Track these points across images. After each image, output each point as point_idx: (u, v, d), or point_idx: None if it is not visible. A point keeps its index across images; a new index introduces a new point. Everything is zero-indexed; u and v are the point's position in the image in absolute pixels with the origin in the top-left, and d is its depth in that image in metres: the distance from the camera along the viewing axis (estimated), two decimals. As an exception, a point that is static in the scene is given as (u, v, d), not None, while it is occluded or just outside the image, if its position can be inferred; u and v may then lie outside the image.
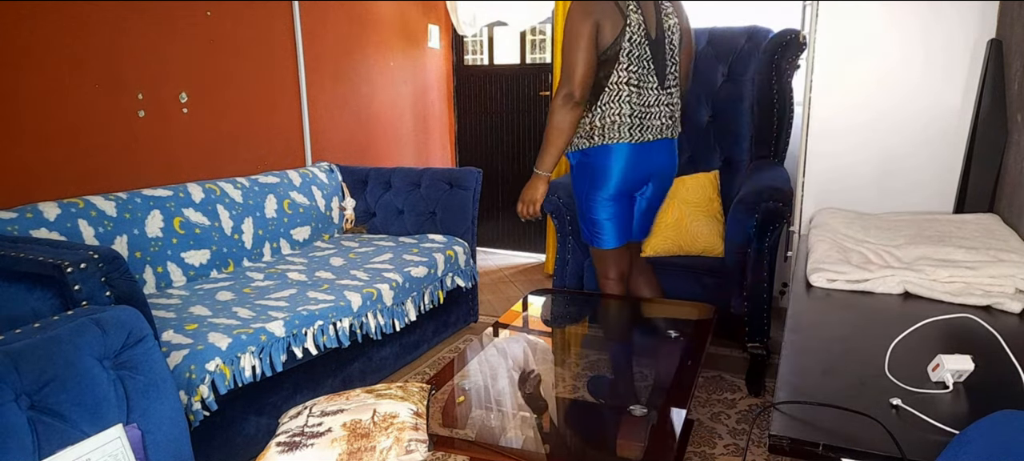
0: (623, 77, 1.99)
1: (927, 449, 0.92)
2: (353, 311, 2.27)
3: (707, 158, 3.05)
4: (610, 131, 2.03)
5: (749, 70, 2.97)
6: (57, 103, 2.20)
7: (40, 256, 1.50)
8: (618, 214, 2.16)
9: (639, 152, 2.07)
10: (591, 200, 2.14)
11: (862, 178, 2.44)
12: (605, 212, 2.14)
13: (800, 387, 1.12)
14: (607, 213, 2.15)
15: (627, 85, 2.00)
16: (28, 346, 1.11)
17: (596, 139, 2.05)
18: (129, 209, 2.26)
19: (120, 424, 1.12)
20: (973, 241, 1.77)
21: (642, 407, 1.55)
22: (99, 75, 2.32)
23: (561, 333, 2.28)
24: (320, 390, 2.24)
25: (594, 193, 2.12)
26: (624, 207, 2.17)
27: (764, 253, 2.39)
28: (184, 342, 1.81)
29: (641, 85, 2.02)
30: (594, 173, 2.10)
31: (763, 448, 2.05)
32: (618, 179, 2.09)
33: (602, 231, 2.17)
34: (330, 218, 3.15)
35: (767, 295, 2.42)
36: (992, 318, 1.38)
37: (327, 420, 1.29)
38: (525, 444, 1.49)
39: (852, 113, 2.42)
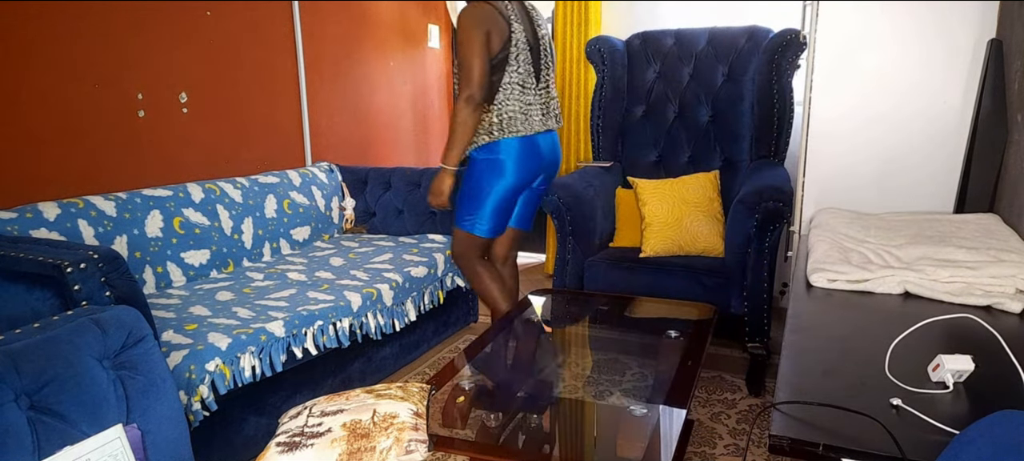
0: (513, 78, 2.25)
1: (927, 449, 0.92)
2: (353, 311, 2.27)
3: (707, 158, 3.05)
4: (507, 126, 2.26)
5: (749, 70, 2.97)
6: (57, 103, 2.20)
7: (40, 256, 1.50)
8: (506, 208, 2.39)
9: (529, 144, 2.31)
10: (490, 190, 2.32)
11: (862, 178, 2.44)
12: (497, 203, 2.34)
13: (800, 387, 1.12)
14: (498, 204, 2.34)
15: (516, 85, 2.26)
16: (28, 346, 1.11)
17: (495, 134, 2.26)
18: (129, 209, 2.26)
19: (120, 424, 1.12)
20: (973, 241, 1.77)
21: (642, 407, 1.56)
22: (99, 75, 2.32)
23: (561, 333, 2.28)
24: (320, 390, 2.24)
25: (496, 183, 2.31)
26: (511, 202, 2.39)
27: (764, 253, 2.39)
28: (184, 342, 1.81)
29: (525, 85, 2.28)
30: (496, 166, 2.30)
31: (763, 448, 2.06)
32: (516, 168, 2.31)
33: (485, 221, 2.35)
34: (330, 218, 3.15)
35: (767, 295, 2.42)
36: (992, 318, 1.38)
37: (327, 420, 1.29)
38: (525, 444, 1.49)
39: (852, 113, 2.42)
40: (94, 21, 2.28)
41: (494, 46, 2.20)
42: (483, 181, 2.32)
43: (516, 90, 2.25)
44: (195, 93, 2.67)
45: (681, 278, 2.54)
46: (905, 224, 2.05)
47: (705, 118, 3.07)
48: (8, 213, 1.95)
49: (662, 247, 2.68)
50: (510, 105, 2.25)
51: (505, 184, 2.31)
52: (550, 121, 2.39)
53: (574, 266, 2.77)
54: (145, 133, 2.50)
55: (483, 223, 2.36)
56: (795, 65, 2.84)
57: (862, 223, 2.09)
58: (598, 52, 3.20)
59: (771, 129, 2.88)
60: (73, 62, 2.24)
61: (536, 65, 2.32)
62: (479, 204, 2.33)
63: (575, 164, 3.71)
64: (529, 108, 2.30)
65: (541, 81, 2.36)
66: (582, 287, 2.74)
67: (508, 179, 2.31)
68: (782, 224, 2.38)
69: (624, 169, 3.17)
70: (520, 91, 2.27)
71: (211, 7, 2.70)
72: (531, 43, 2.30)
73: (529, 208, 2.51)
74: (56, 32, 2.18)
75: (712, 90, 3.05)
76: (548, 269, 3.96)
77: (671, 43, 3.17)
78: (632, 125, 3.21)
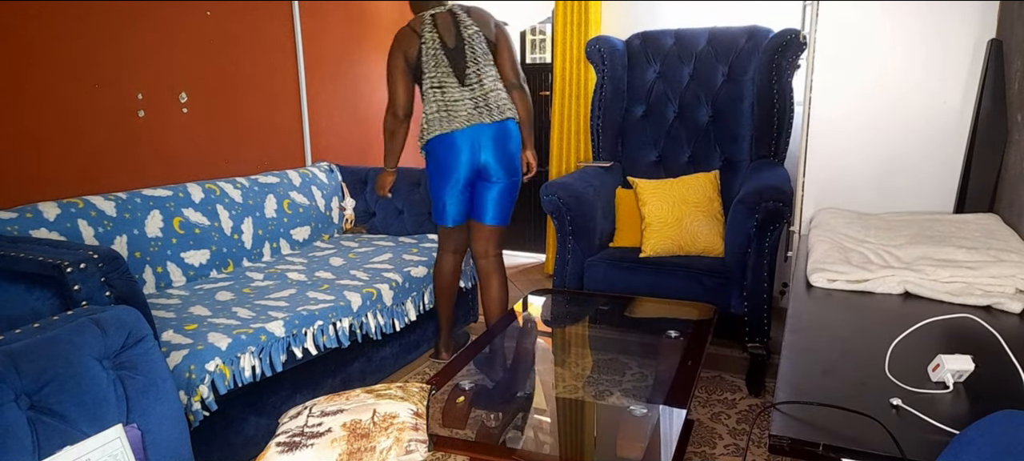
0: (431, 83, 2.44)
1: (927, 449, 0.92)
2: (353, 311, 2.27)
3: (707, 158, 3.05)
4: (431, 125, 2.45)
5: (749, 70, 2.97)
6: (57, 103, 2.20)
7: (40, 256, 1.50)
8: (457, 197, 2.53)
9: (446, 142, 2.45)
10: (436, 183, 2.53)
11: (862, 178, 2.44)
12: (446, 194, 2.52)
13: (800, 387, 1.12)
14: (447, 195, 2.52)
15: (434, 89, 2.44)
16: (28, 346, 1.11)
17: (424, 136, 2.49)
18: (129, 209, 2.26)
19: (120, 424, 1.12)
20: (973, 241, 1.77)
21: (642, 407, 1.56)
22: (99, 75, 2.32)
23: (561, 333, 2.28)
24: (320, 390, 2.24)
25: (438, 178, 2.52)
26: (463, 191, 2.53)
27: (764, 253, 2.39)
28: (184, 342, 1.81)
29: (443, 86, 2.44)
30: (431, 162, 2.53)
31: (763, 448, 2.05)
32: (448, 161, 2.47)
33: (443, 210, 2.56)
34: (330, 218, 3.15)
35: (767, 295, 2.42)
36: (992, 318, 1.38)
37: (327, 420, 1.29)
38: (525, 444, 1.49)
39: (852, 113, 2.42)
40: (94, 21, 2.28)
41: (411, 61, 2.45)
42: (430, 177, 2.56)
43: (435, 93, 2.43)
44: (195, 93, 2.67)
45: (681, 278, 2.54)
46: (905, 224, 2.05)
47: (705, 118, 3.07)
48: (8, 213, 1.95)
49: (662, 247, 2.68)
50: (430, 107, 2.44)
51: (441, 178, 2.50)
52: (484, 115, 2.44)
53: (574, 266, 2.77)
54: (145, 133, 2.50)
55: (439, 213, 2.57)
56: (795, 65, 2.84)
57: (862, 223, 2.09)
58: (598, 52, 3.20)
59: (771, 129, 2.88)
60: (73, 62, 2.24)
61: (457, 66, 2.45)
62: (434, 197, 2.58)
63: (575, 164, 3.71)
64: (454, 105, 2.43)
65: (468, 79, 2.45)
66: (582, 287, 2.73)
67: (444, 172, 2.48)
68: (782, 224, 2.38)
69: (624, 169, 3.17)
70: (439, 93, 2.43)
71: (211, 7, 2.70)
72: (451, 46, 2.45)
73: (485, 200, 2.56)
74: (56, 32, 2.18)
75: (712, 90, 3.05)
76: (548, 269, 3.96)
77: (671, 43, 3.17)
78: (632, 125, 3.21)
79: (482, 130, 2.46)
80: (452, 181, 2.49)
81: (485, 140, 2.46)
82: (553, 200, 2.71)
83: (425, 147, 2.52)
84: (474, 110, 2.45)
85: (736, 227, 2.42)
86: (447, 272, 2.66)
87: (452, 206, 2.55)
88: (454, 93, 2.45)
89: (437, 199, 2.56)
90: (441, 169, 2.49)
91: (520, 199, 4.37)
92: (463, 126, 2.43)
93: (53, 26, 2.17)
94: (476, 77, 2.47)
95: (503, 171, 2.51)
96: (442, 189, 2.52)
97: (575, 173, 2.98)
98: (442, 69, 2.44)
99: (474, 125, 2.44)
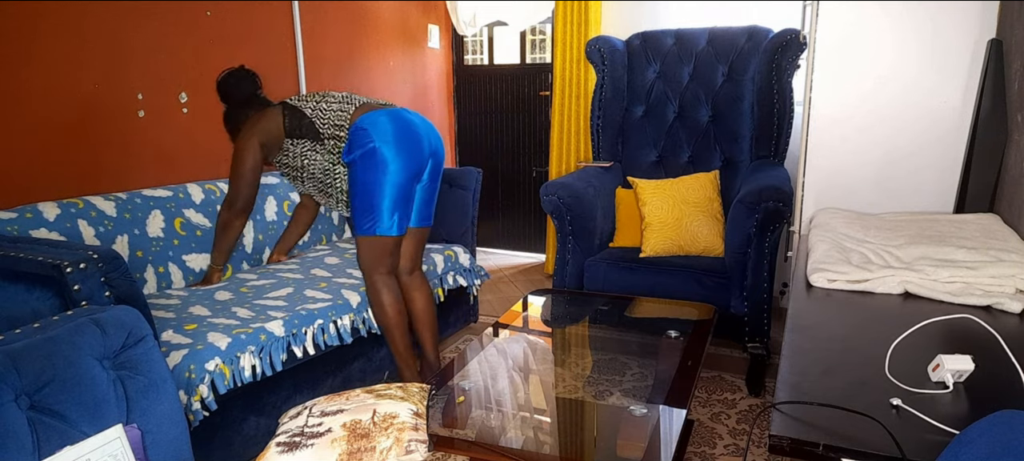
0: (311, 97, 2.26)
1: (927, 449, 0.92)
2: (353, 308, 2.27)
3: (707, 158, 3.05)
4: (347, 113, 2.18)
5: (749, 70, 2.97)
6: (57, 103, 2.20)
7: (40, 256, 1.50)
8: (411, 193, 2.20)
9: (404, 118, 2.19)
10: (378, 178, 2.09)
11: (862, 178, 2.44)
12: (398, 191, 2.13)
13: (800, 387, 1.12)
14: (398, 192, 2.13)
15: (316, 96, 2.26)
16: (28, 346, 1.11)
17: (344, 126, 2.17)
18: (129, 209, 2.26)
19: (120, 424, 1.12)
20: (973, 241, 1.77)
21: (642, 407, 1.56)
22: (99, 75, 2.32)
23: (561, 333, 2.28)
24: (320, 390, 2.24)
25: (382, 171, 2.10)
26: (415, 187, 2.23)
27: (764, 253, 2.39)
28: (184, 342, 1.81)
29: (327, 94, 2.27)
30: (376, 151, 2.08)
31: (763, 448, 2.05)
32: (404, 144, 2.12)
33: (388, 214, 2.13)
34: (330, 220, 3.14)
35: (767, 295, 2.42)
36: (992, 318, 1.38)
37: (327, 420, 1.29)
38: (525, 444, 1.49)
39: (852, 113, 2.42)
40: (94, 21, 2.28)
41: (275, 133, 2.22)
42: (366, 172, 2.10)
43: (324, 96, 2.24)
44: (195, 93, 2.67)
45: (681, 278, 2.54)
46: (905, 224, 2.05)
47: (705, 118, 3.07)
48: (8, 213, 1.95)
49: (662, 247, 2.68)
50: (330, 104, 2.21)
51: (391, 170, 2.10)
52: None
53: (574, 266, 2.77)
54: (145, 133, 2.50)
55: (378, 219, 2.13)
56: (795, 65, 2.84)
57: (862, 223, 2.09)
58: (598, 52, 3.20)
59: (771, 129, 2.88)
60: (73, 62, 2.24)
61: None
62: (372, 200, 2.11)
63: (575, 164, 3.71)
64: (347, 96, 2.24)
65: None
66: (582, 287, 2.73)
67: (393, 163, 2.09)
68: (782, 224, 2.38)
69: (624, 169, 3.17)
70: (332, 94, 2.24)
71: (211, 7, 2.70)
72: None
73: (423, 197, 2.32)
74: (56, 32, 2.17)
75: (712, 90, 3.05)
76: (548, 269, 3.96)
77: (671, 43, 3.17)
78: (632, 125, 3.21)
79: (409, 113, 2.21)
80: (409, 173, 2.14)
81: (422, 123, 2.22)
82: (553, 200, 2.71)
83: (355, 131, 2.10)
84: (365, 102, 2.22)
85: (736, 227, 2.42)
86: (397, 299, 2.23)
87: (402, 203, 2.15)
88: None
89: (378, 199, 2.10)
90: (390, 158, 2.08)
91: (520, 199, 4.42)
92: (393, 106, 2.19)
93: (53, 26, 2.17)
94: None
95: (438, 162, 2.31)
96: (394, 185, 2.10)
97: (575, 173, 2.98)
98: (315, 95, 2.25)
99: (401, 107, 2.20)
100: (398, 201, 2.13)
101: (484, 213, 4.37)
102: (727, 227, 2.50)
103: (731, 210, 2.48)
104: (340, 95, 2.24)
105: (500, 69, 4.31)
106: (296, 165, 2.27)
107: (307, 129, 2.19)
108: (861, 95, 2.40)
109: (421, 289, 2.40)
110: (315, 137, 2.19)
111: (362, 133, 2.09)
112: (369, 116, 2.12)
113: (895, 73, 2.34)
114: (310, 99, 2.24)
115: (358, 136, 2.10)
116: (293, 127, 2.21)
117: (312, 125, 2.18)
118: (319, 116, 2.19)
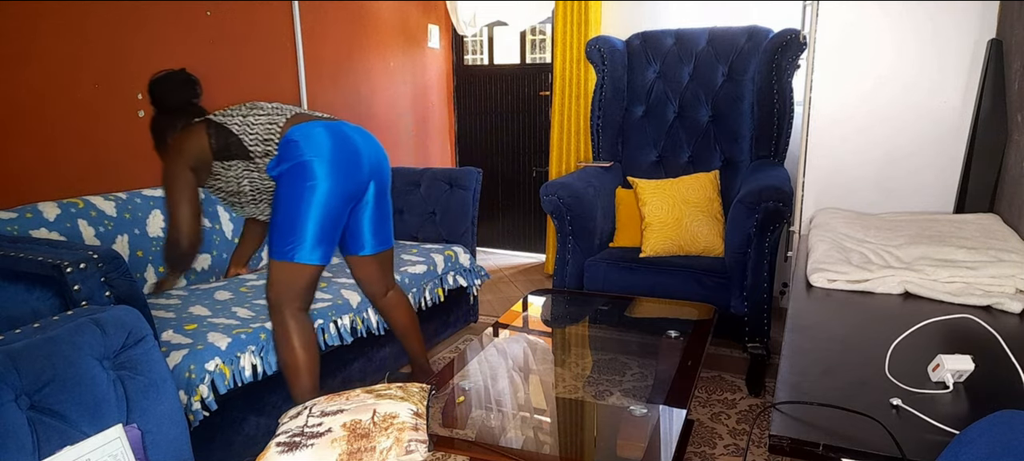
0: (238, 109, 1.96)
1: (927, 449, 0.92)
2: (353, 307, 2.27)
3: (707, 158, 3.05)
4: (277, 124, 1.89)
5: (749, 70, 2.97)
6: (57, 103, 2.20)
7: (40, 256, 1.50)
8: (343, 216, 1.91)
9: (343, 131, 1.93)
10: (306, 197, 1.81)
11: (862, 178, 2.44)
12: (325, 212, 1.84)
13: (800, 387, 1.12)
14: (325, 214, 1.83)
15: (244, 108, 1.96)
16: (28, 346, 1.11)
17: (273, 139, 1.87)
18: (129, 209, 2.26)
19: (120, 424, 1.12)
20: (973, 241, 1.77)
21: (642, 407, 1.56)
22: (99, 75, 2.32)
23: (561, 333, 2.28)
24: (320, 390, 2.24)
25: (310, 190, 1.81)
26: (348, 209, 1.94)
27: (764, 253, 2.39)
28: (183, 342, 1.81)
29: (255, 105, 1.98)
30: (307, 166, 1.81)
31: (763, 448, 2.05)
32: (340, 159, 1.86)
33: (313, 237, 1.83)
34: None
35: (767, 295, 2.42)
36: (992, 318, 1.38)
37: (327, 420, 1.29)
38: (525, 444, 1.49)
39: (852, 113, 2.42)
40: (94, 21, 2.28)
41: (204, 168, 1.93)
42: (290, 190, 1.82)
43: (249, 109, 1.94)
44: (195, 93, 2.67)
45: (681, 278, 2.54)
46: (905, 224, 2.05)
47: (705, 118, 3.07)
48: (8, 213, 1.95)
49: (662, 247, 2.68)
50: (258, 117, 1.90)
51: (322, 189, 1.81)
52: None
53: (574, 266, 2.77)
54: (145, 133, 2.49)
55: (299, 243, 1.81)
56: (795, 65, 2.84)
57: (862, 223, 2.09)
58: (598, 52, 3.20)
59: (771, 129, 2.88)
60: (73, 62, 2.24)
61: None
62: (295, 223, 1.81)
63: (575, 164, 3.71)
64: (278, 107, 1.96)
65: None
66: (582, 287, 2.74)
67: (326, 180, 1.82)
68: (782, 224, 2.38)
69: (624, 169, 3.17)
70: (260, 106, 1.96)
71: (211, 7, 2.70)
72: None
73: (375, 218, 2.04)
74: (56, 32, 2.18)
75: (712, 90, 3.06)
76: (548, 269, 3.96)
77: (671, 43, 3.17)
78: (632, 125, 3.21)
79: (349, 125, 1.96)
80: (343, 195, 1.86)
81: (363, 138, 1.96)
82: (553, 200, 2.71)
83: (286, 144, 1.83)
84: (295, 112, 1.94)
85: (736, 227, 2.42)
86: (309, 340, 1.90)
87: (330, 230, 1.85)
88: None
89: (302, 220, 1.80)
90: (322, 176, 1.80)
91: (520, 199, 4.42)
92: (331, 119, 1.94)
93: (53, 26, 2.17)
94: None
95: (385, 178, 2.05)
96: (323, 206, 1.81)
97: (575, 173, 2.98)
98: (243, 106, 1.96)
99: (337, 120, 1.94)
100: (325, 227, 1.83)
101: (484, 213, 4.37)
102: (727, 227, 2.50)
103: (731, 210, 2.48)
104: (270, 106, 1.95)
105: (500, 69, 4.31)
106: (232, 190, 1.96)
107: (236, 148, 1.87)
108: (861, 95, 2.40)
109: (400, 305, 2.21)
110: (245, 157, 1.88)
111: (292, 146, 1.82)
112: (303, 128, 1.85)
113: (895, 73, 2.34)
114: (236, 113, 1.93)
115: (288, 148, 1.82)
116: (220, 147, 1.88)
117: (240, 143, 1.86)
118: (247, 132, 1.87)
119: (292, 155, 1.82)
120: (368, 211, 2.01)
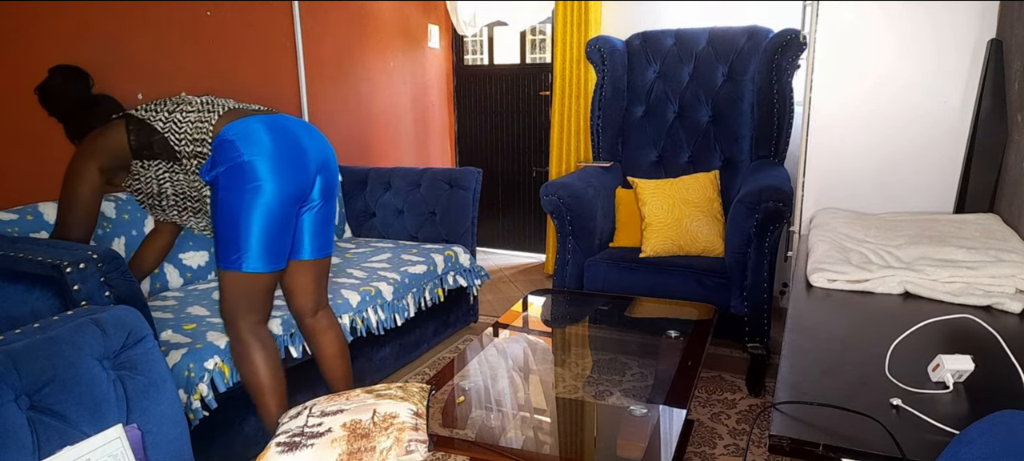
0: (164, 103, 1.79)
1: (927, 449, 0.92)
2: (352, 307, 2.27)
3: (707, 158, 3.05)
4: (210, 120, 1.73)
5: (749, 70, 2.97)
6: (57, 103, 2.20)
7: (40, 256, 1.50)
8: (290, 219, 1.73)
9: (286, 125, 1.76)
10: (248, 200, 1.64)
11: (862, 178, 2.44)
12: (271, 217, 1.67)
13: (800, 387, 1.12)
14: (270, 219, 1.66)
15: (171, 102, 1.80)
16: (28, 346, 1.11)
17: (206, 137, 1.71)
18: (128, 210, 2.26)
19: (120, 424, 1.12)
20: (973, 241, 1.77)
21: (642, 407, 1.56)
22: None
23: (561, 333, 2.28)
24: (320, 390, 2.24)
25: (254, 192, 1.64)
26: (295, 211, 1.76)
27: (764, 253, 2.39)
28: (183, 341, 1.81)
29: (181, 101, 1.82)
30: (246, 167, 1.64)
31: (763, 448, 2.05)
32: (284, 157, 1.68)
33: (260, 246, 1.66)
34: (330, 218, 3.14)
35: (767, 295, 2.42)
36: (992, 318, 1.38)
37: (327, 420, 1.29)
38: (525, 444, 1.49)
39: (852, 113, 2.42)
40: (94, 21, 2.28)
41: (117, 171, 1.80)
42: (230, 194, 1.64)
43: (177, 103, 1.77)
44: (195, 93, 2.66)
45: (681, 278, 2.54)
46: (905, 224, 2.05)
47: (705, 118, 3.07)
48: (8, 213, 1.95)
49: (662, 247, 2.68)
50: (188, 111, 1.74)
51: (265, 191, 1.64)
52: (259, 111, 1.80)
53: (574, 266, 2.77)
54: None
55: (245, 252, 1.65)
56: (795, 65, 2.85)
57: (862, 223, 2.09)
58: (598, 52, 3.20)
59: (771, 129, 2.88)
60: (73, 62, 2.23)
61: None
62: (239, 230, 1.64)
63: (575, 164, 3.71)
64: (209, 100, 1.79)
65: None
66: (582, 287, 2.74)
67: (270, 181, 1.64)
68: (782, 224, 2.38)
69: (624, 169, 3.17)
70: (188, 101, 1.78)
71: (211, 7, 2.70)
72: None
73: (316, 224, 1.84)
74: (56, 32, 2.17)
75: (712, 90, 3.06)
76: (548, 269, 3.96)
77: (671, 43, 3.17)
78: (632, 125, 3.21)
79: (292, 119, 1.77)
80: (290, 196, 1.68)
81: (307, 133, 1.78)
82: (553, 200, 2.72)
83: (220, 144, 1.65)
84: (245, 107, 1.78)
85: (736, 227, 2.42)
86: (271, 356, 1.76)
87: (278, 234, 1.68)
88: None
89: (246, 227, 1.63)
90: (265, 177, 1.63)
91: (520, 199, 4.42)
92: (270, 112, 1.76)
93: (53, 26, 2.16)
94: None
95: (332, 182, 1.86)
96: (268, 210, 1.64)
97: (575, 173, 2.98)
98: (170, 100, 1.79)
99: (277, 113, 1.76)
100: (272, 231, 1.66)
101: (484, 213, 4.37)
102: (727, 227, 2.50)
103: (731, 210, 2.48)
104: (199, 101, 1.77)
105: (500, 69, 4.31)
106: (150, 191, 1.81)
107: (160, 147, 1.72)
108: (861, 95, 2.40)
109: (329, 331, 1.93)
110: (171, 158, 1.72)
111: (228, 146, 1.63)
112: (238, 125, 1.67)
113: (895, 73, 2.34)
114: (162, 108, 1.75)
115: (223, 149, 1.64)
116: (141, 146, 1.73)
117: (165, 142, 1.71)
118: (173, 130, 1.71)
119: (229, 156, 1.63)
120: (312, 212, 1.81)
